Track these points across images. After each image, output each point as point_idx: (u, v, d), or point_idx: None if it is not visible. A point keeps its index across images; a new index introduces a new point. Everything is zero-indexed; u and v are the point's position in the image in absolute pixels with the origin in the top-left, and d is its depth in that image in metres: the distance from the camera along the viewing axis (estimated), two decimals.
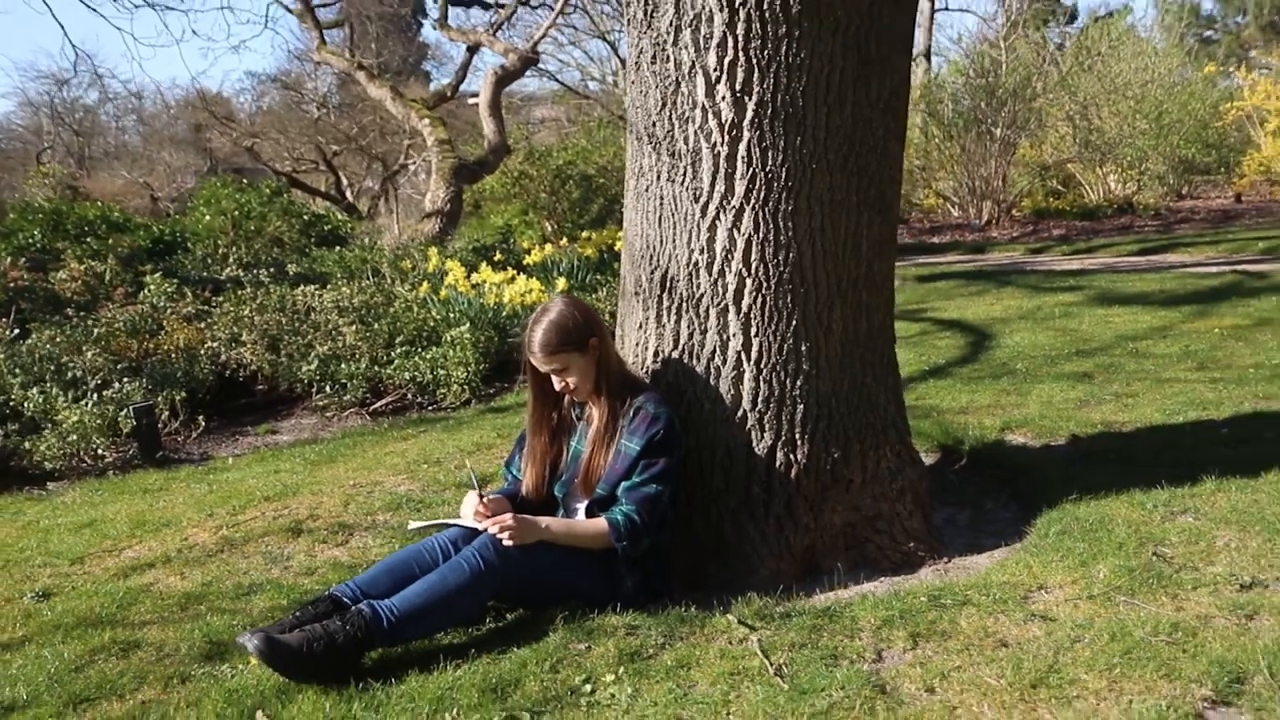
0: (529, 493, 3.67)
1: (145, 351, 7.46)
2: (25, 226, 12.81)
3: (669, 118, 3.61)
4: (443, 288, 8.87)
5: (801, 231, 3.57)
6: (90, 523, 4.92)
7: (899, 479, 3.91)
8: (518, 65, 16.99)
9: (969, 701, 2.67)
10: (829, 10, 3.42)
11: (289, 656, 2.93)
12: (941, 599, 3.30)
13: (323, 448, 6.20)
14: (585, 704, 2.79)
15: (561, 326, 3.47)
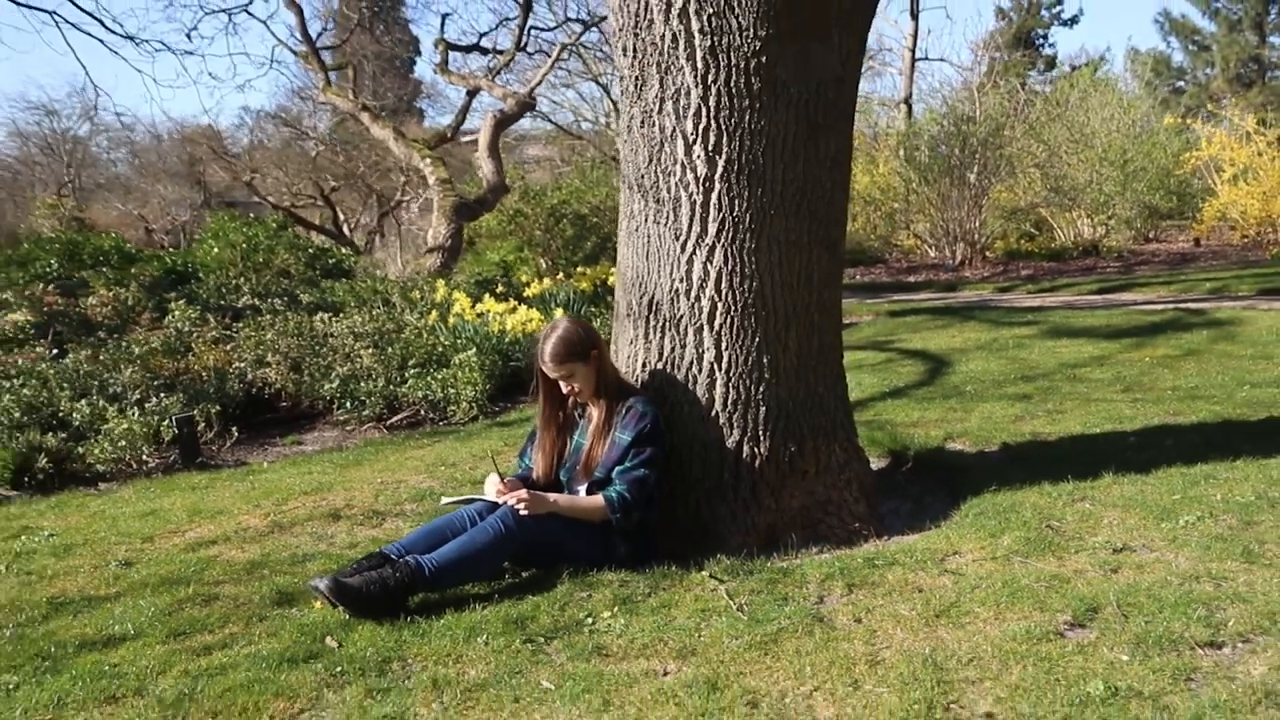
0: (539, 478, 4.45)
1: (178, 370, 8.23)
2: (42, 255, 13.56)
3: (655, 171, 4.43)
4: (450, 316, 9.68)
5: (763, 265, 4.38)
6: (152, 511, 5.69)
7: (846, 471, 4.70)
8: (516, 110, 17.91)
9: (886, 627, 3.45)
10: (783, 88, 4.26)
11: (352, 595, 3.71)
12: (875, 561, 4.08)
13: (349, 454, 6.99)
14: (588, 631, 3.57)
15: (568, 340, 4.28)
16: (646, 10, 4.29)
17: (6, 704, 3.27)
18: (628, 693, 3.08)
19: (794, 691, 3.04)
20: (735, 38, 4.20)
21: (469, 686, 3.19)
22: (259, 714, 3.10)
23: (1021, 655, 3.15)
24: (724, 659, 3.27)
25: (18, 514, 5.97)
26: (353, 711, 3.09)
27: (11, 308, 9.68)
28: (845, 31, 4.41)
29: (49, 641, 3.78)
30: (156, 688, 3.31)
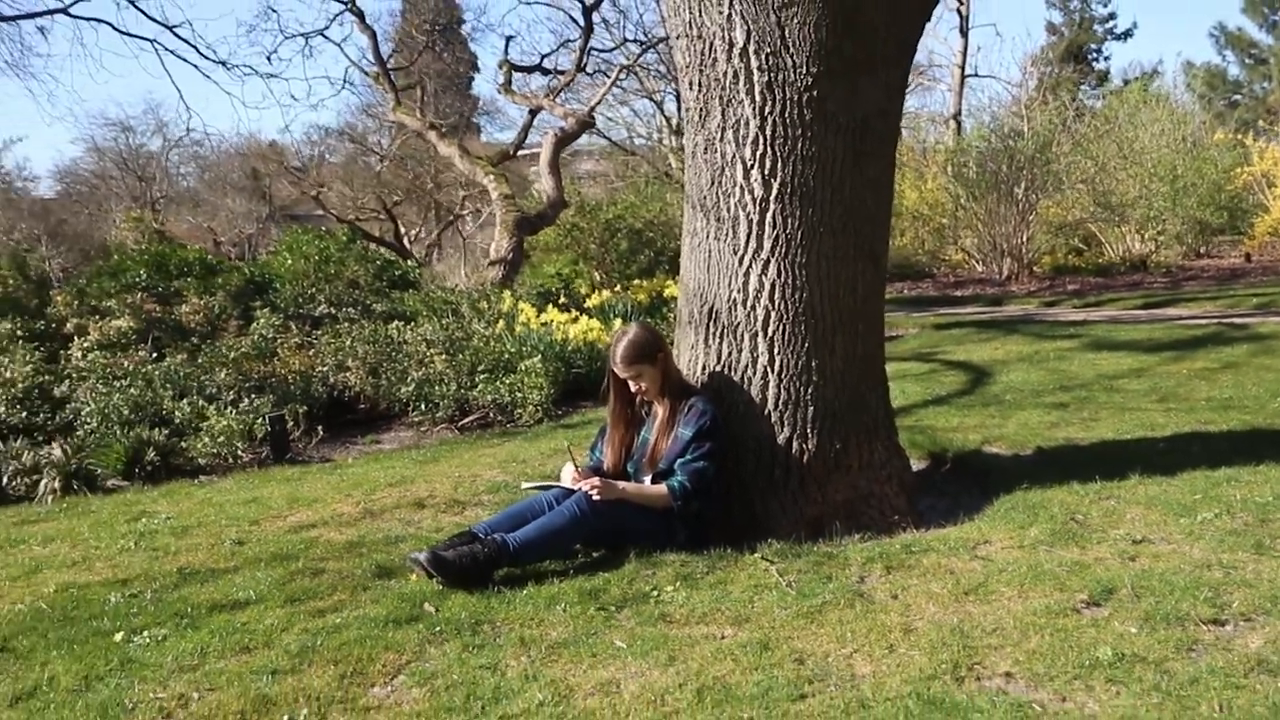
0: (609, 468, 4.94)
1: (266, 373, 8.84)
2: (131, 266, 14.29)
3: (716, 193, 4.91)
4: (516, 325, 10.24)
5: (812, 278, 4.84)
6: (254, 499, 6.25)
7: (887, 467, 5.14)
8: (576, 128, 18.52)
9: (920, 602, 3.89)
10: (832, 118, 4.73)
11: (447, 567, 4.22)
12: (912, 547, 4.52)
13: (426, 451, 7.54)
14: (654, 601, 4.04)
15: (637, 344, 4.78)
16: (711, 50, 4.78)
17: (159, 651, 3.82)
18: (690, 651, 3.55)
19: (836, 652, 3.49)
20: (790, 74, 4.68)
21: (552, 644, 3.68)
22: (372, 663, 3.61)
23: (1040, 627, 3.58)
24: (774, 625, 3.73)
25: (134, 500, 6.59)
26: (453, 662, 3.58)
27: (114, 315, 10.38)
28: (889, 68, 4.88)
29: (184, 604, 4.33)
30: (282, 641, 3.84)
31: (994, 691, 3.15)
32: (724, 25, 4.71)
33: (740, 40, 4.69)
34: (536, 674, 3.45)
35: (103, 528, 5.82)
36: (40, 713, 3.40)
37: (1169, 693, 3.07)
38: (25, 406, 8.14)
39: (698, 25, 4.80)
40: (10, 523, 6.21)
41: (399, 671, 3.56)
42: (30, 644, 4.03)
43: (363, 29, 18.80)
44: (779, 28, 4.64)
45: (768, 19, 4.64)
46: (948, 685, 3.20)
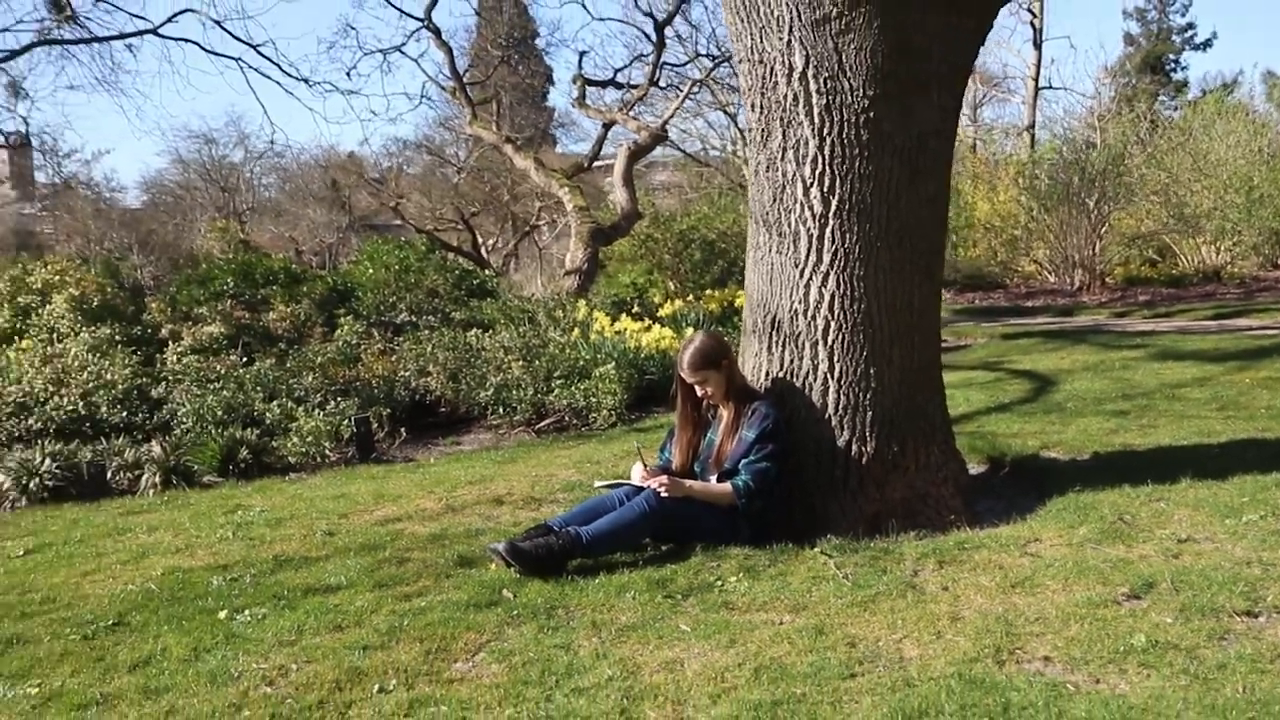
0: (677, 468, 5.23)
1: (351, 377, 9.28)
2: (219, 275, 14.88)
3: (778, 209, 5.19)
4: (590, 333, 10.60)
5: (870, 290, 5.09)
6: (341, 495, 6.65)
7: (944, 469, 5.37)
8: (649, 141, 18.88)
9: (968, 593, 4.13)
10: (888, 138, 4.98)
11: (524, 556, 4.54)
12: (964, 544, 4.75)
13: (504, 452, 7.91)
14: (717, 590, 4.33)
15: (703, 351, 5.08)
16: (771, 75, 5.06)
17: (260, 628, 4.19)
18: (750, 634, 3.83)
19: (886, 637, 3.75)
20: (847, 96, 4.94)
21: (621, 628, 3.98)
22: (455, 641, 3.94)
23: (1081, 616, 3.80)
24: (830, 613, 4.00)
25: (229, 495, 7.03)
26: (529, 642, 3.90)
27: (206, 321, 10.93)
28: (943, 90, 5.13)
29: (281, 587, 4.70)
30: (372, 621, 4.19)
31: (1032, 673, 3.39)
32: (784, 50, 5.00)
33: (799, 65, 4.97)
34: (606, 653, 3.75)
35: (202, 518, 6.25)
36: (156, 678, 3.78)
37: (1197, 676, 3.28)
38: (125, 406, 8.67)
39: (759, 50, 5.09)
40: (117, 513, 6.67)
41: (480, 649, 3.88)
42: (143, 619, 4.44)
43: (439, 45, 19.34)
44: (836, 53, 4.91)
45: (825, 44, 4.91)
46: (989, 667, 3.44)
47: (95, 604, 4.74)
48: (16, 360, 9.67)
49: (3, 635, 4.38)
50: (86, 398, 8.62)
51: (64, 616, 4.59)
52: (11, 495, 7.12)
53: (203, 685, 3.70)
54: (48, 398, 8.62)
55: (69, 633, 4.34)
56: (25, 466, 7.19)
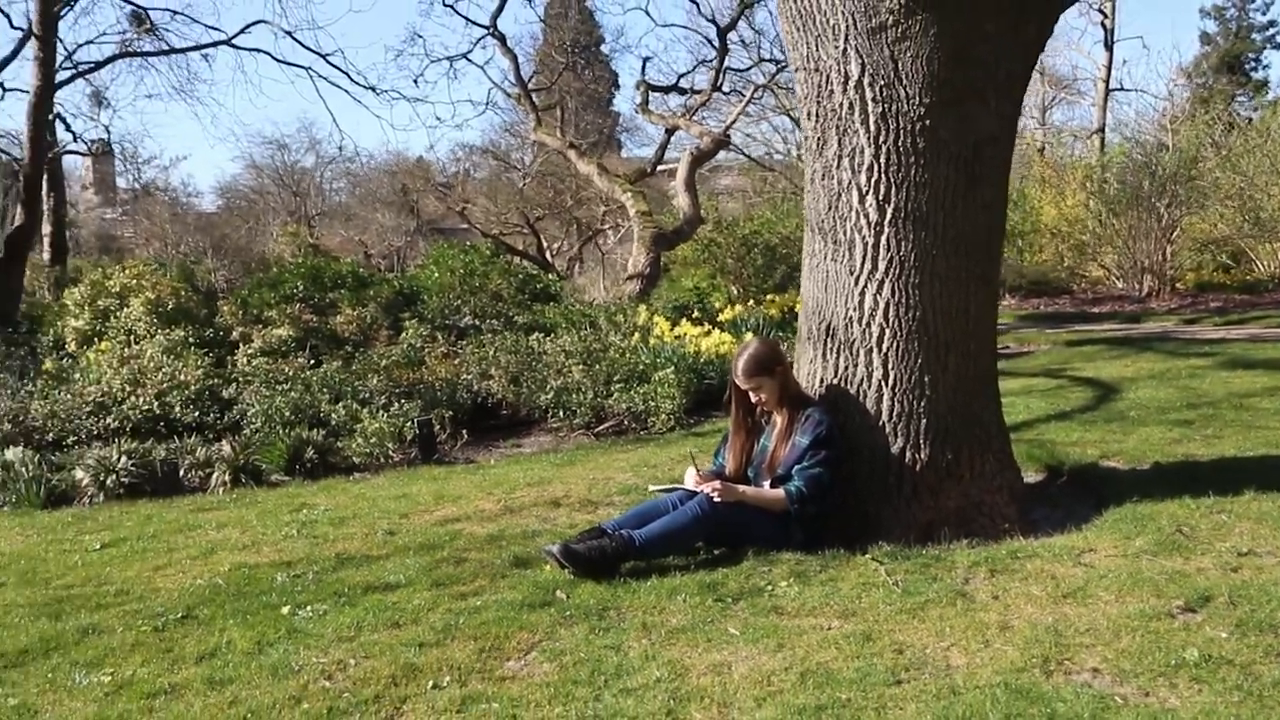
0: (730, 473, 5.28)
1: (415, 380, 9.45)
2: (289, 278, 15.18)
3: (833, 217, 5.21)
4: (650, 338, 10.68)
5: (925, 297, 5.10)
6: (403, 495, 6.79)
7: (999, 478, 5.35)
8: (711, 147, 18.94)
9: (1019, 603, 4.13)
10: (944, 146, 4.99)
11: (578, 558, 4.62)
12: (1017, 553, 4.74)
13: (563, 455, 8.01)
14: (767, 595, 4.37)
15: (757, 357, 5.13)
16: (828, 83, 5.09)
17: (320, 624, 4.31)
18: (798, 639, 3.87)
19: (934, 645, 3.76)
20: (903, 104, 4.96)
21: (671, 630, 4.04)
22: (508, 640, 4.03)
23: (1133, 629, 3.78)
24: (878, 619, 4.02)
25: (295, 494, 7.21)
26: (580, 642, 3.97)
27: (276, 324, 11.19)
28: (1000, 97, 5.12)
29: (342, 584, 4.83)
30: (428, 619, 4.29)
31: (1079, 684, 3.38)
32: (839, 59, 5.02)
33: (855, 73, 5.00)
34: (655, 654, 3.81)
35: (268, 516, 6.42)
36: (221, 670, 3.92)
37: (1251, 692, 3.25)
38: (198, 407, 8.93)
39: (815, 59, 5.13)
40: (188, 510, 6.88)
41: (532, 649, 3.96)
42: (210, 613, 4.59)
43: (504, 52, 19.60)
44: (892, 61, 4.93)
45: (881, 52, 4.93)
46: (1036, 677, 3.44)
47: (165, 597, 4.91)
48: (96, 361, 9.99)
49: (79, 625, 4.56)
50: (161, 398, 8.88)
51: (136, 608, 4.76)
52: (90, 491, 7.36)
53: (265, 677, 3.82)
54: (125, 397, 8.91)
55: (140, 624, 4.50)
56: (103, 464, 7.43)
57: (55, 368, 10.17)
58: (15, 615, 4.78)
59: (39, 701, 3.80)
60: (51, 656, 4.22)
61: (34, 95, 15.46)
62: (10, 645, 4.37)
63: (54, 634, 4.47)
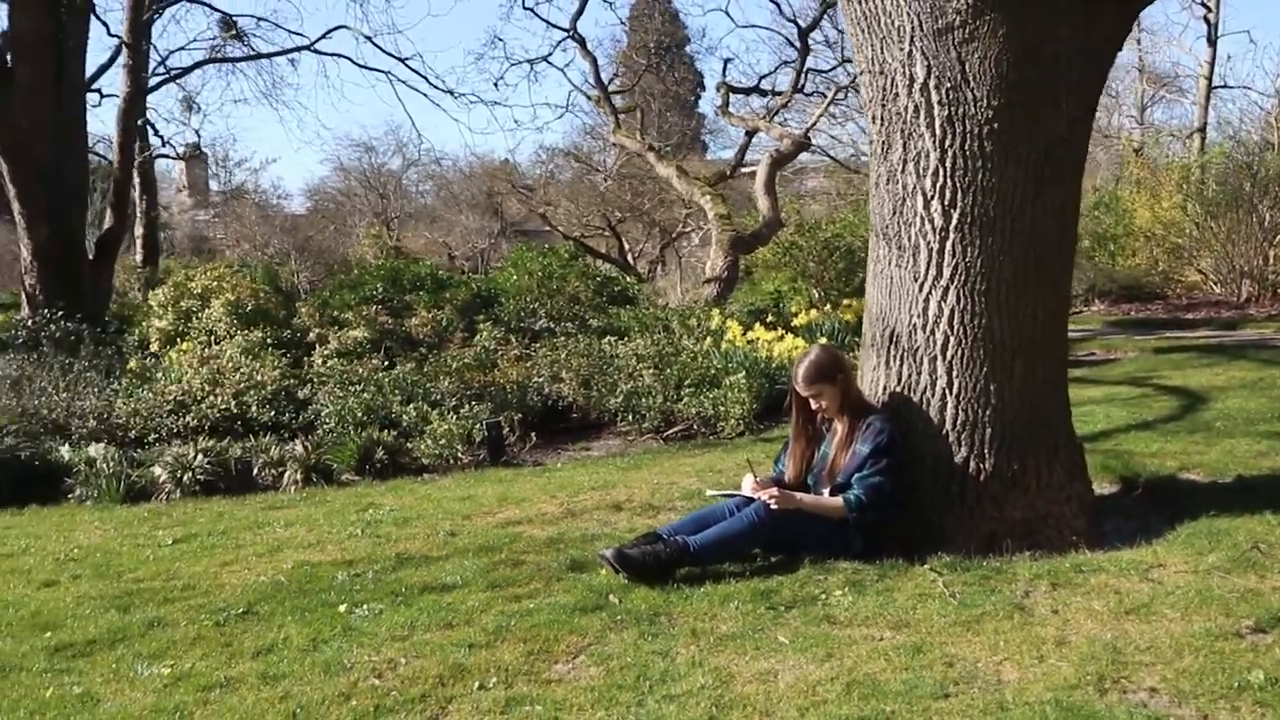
0: (790, 480, 5.23)
1: (486, 382, 9.53)
2: (370, 280, 15.41)
3: (898, 222, 5.13)
4: (723, 342, 10.64)
5: (991, 304, 4.99)
6: (468, 496, 6.84)
7: (1067, 489, 5.22)
8: (791, 149, 18.81)
9: (1079, 618, 4.02)
10: (1012, 149, 4.88)
11: (631, 563, 4.61)
12: (1082, 566, 4.62)
13: (629, 459, 8.01)
14: (821, 604, 4.31)
15: (817, 365, 5.07)
16: (893, 86, 5.02)
17: (375, 622, 4.36)
18: (847, 649, 3.81)
19: (987, 659, 3.68)
20: (970, 107, 4.86)
21: (720, 637, 4.01)
22: (557, 643, 4.03)
23: (1196, 648, 3.66)
24: (932, 631, 3.95)
25: (363, 493, 7.32)
26: (629, 647, 3.96)
27: (352, 326, 11.38)
28: (1072, 98, 4.99)
29: (399, 584, 4.88)
30: (480, 620, 4.32)
31: (1134, 704, 3.28)
32: (905, 61, 4.95)
33: (921, 75, 4.92)
34: (702, 661, 3.78)
35: (335, 516, 6.52)
36: (276, 665, 3.99)
37: None
38: (273, 406, 9.10)
39: (879, 61, 5.05)
40: (259, 507, 7.02)
41: (580, 652, 3.96)
42: (270, 609, 4.67)
43: (584, 55, 19.72)
44: (959, 62, 4.84)
45: (948, 54, 4.84)
46: (1089, 695, 3.35)
47: (229, 593, 5.01)
48: (177, 361, 10.25)
49: (145, 618, 4.67)
50: (238, 397, 9.08)
51: (201, 603, 4.86)
52: (168, 487, 7.54)
53: (317, 674, 3.88)
54: (204, 397, 9.11)
55: (203, 618, 4.60)
56: (180, 461, 7.61)
57: (139, 367, 10.45)
58: (87, 607, 4.91)
59: (102, 690, 3.90)
60: (117, 647, 4.33)
61: (123, 101, 15.90)
62: (80, 635, 4.49)
63: (121, 626, 4.58)
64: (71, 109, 13.90)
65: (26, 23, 12.84)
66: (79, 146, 14.50)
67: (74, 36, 13.50)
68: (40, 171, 13.28)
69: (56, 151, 13.43)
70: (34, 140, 13.12)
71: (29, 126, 13.02)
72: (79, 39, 13.80)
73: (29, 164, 13.17)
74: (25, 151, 13.13)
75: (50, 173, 13.39)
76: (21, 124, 12.96)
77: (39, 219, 13.22)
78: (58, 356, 10.55)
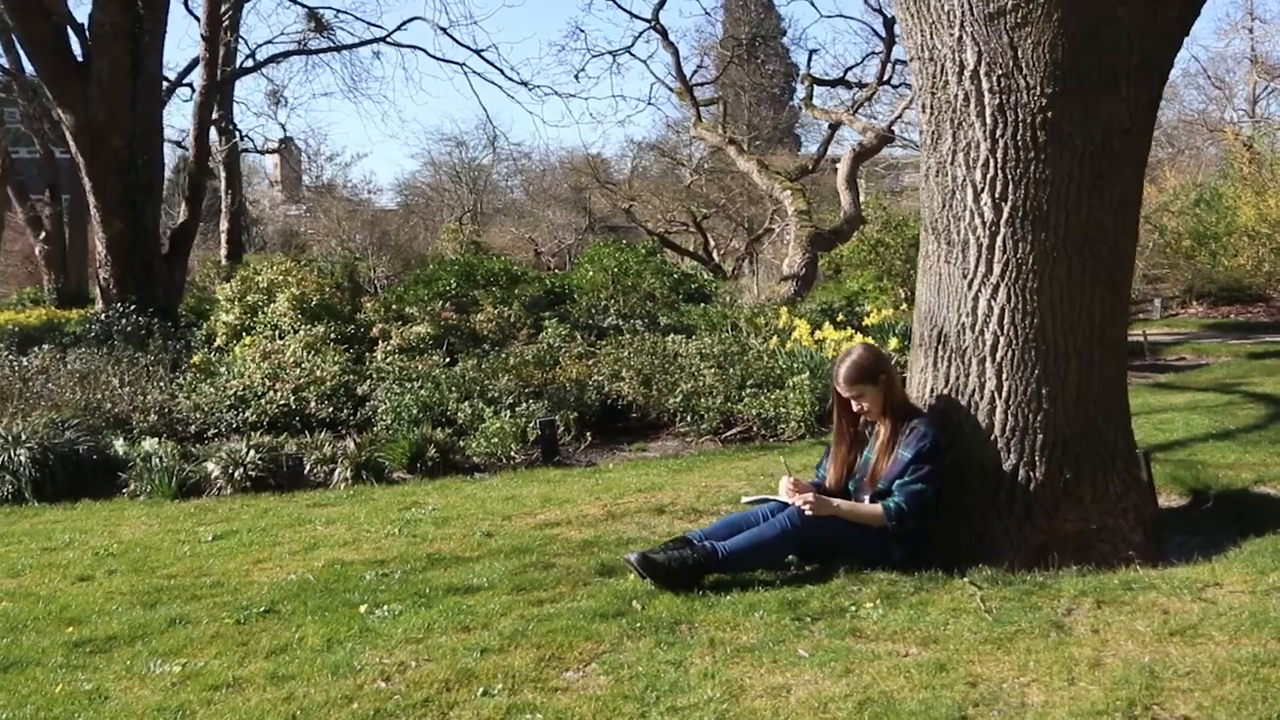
0: (831, 485, 5.04)
1: (545, 380, 9.44)
2: (444, 276, 15.47)
3: (947, 216, 4.91)
4: (789, 342, 10.41)
5: (1044, 303, 4.74)
6: (512, 496, 6.76)
7: (1124, 500, 4.94)
8: (874, 143, 18.45)
9: (1119, 639, 3.77)
10: (1068, 140, 4.63)
11: (656, 569, 4.46)
12: (1132, 584, 4.35)
13: (683, 460, 7.86)
14: (849, 616, 4.12)
15: (859, 365, 4.87)
16: (942, 73, 4.79)
17: (393, 624, 4.29)
18: (868, 665, 3.62)
19: (1013, 680, 3.46)
20: (1022, 95, 4.62)
21: (738, 648, 3.84)
22: (571, 650, 3.91)
23: (1239, 674, 3.39)
24: (960, 649, 3.73)
25: (410, 492, 7.28)
26: (643, 656, 3.82)
27: (416, 321, 11.39)
28: (1134, 85, 4.71)
29: (425, 585, 4.81)
30: (499, 624, 4.21)
31: None
32: (955, 47, 4.72)
33: (971, 62, 4.69)
34: (715, 673, 3.62)
35: (377, 514, 6.48)
36: (287, 665, 3.94)
37: None
38: (332, 402, 9.13)
39: (929, 48, 4.83)
40: (305, 504, 7.02)
41: (593, 659, 3.83)
42: (293, 608, 4.63)
43: (666, 46, 19.58)
44: (1011, 48, 4.60)
45: (1000, 39, 4.61)
46: None
47: (256, 590, 4.98)
48: (241, 355, 10.35)
49: (170, 615, 4.65)
50: (298, 393, 9.13)
51: (227, 600, 4.84)
52: (219, 483, 7.59)
53: (325, 675, 3.81)
54: (264, 392, 9.17)
55: (225, 616, 4.57)
56: (232, 457, 7.66)
57: (202, 361, 10.58)
58: (115, 602, 4.92)
59: (112, 688, 3.88)
60: (136, 644, 4.32)
61: (199, 95, 16.19)
62: (102, 631, 4.49)
63: (144, 622, 4.58)
64: (147, 103, 14.14)
65: (105, 17, 13.09)
66: (154, 141, 14.74)
67: (150, 32, 13.70)
68: (115, 165, 13.52)
69: (132, 145, 13.68)
70: (110, 133, 13.37)
71: (105, 120, 13.26)
72: (155, 34, 14.01)
73: (105, 157, 13.42)
74: (102, 144, 13.38)
75: (125, 166, 13.63)
76: (98, 117, 13.21)
77: (113, 212, 13.47)
78: (126, 350, 10.72)
